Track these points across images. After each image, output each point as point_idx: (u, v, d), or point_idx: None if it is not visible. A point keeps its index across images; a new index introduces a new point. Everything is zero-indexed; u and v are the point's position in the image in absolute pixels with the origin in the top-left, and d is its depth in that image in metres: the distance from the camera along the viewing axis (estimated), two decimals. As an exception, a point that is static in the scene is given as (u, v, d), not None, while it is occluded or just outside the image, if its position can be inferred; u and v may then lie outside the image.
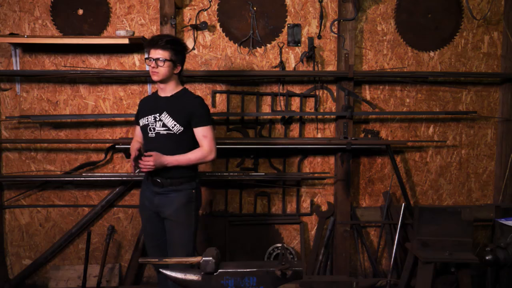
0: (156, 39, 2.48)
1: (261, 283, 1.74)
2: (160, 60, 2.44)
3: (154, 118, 2.52)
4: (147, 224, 2.63)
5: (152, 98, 2.65)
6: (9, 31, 3.24)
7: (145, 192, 2.61)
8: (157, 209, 2.55)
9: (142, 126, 2.57)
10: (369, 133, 3.48)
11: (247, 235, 3.44)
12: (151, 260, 1.86)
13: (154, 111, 2.53)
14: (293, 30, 3.36)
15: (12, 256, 3.42)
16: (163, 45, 2.44)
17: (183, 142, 2.52)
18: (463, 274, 2.67)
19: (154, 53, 2.46)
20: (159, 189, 2.52)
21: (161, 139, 2.50)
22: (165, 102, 2.53)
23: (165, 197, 2.52)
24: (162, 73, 2.47)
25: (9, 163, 3.35)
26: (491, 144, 3.61)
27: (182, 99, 2.54)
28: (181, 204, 2.51)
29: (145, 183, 2.62)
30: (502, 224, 2.75)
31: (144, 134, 2.58)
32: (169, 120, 2.48)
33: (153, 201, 2.54)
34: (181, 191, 2.52)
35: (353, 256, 3.53)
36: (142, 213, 2.66)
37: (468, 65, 3.53)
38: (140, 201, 2.67)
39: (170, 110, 2.50)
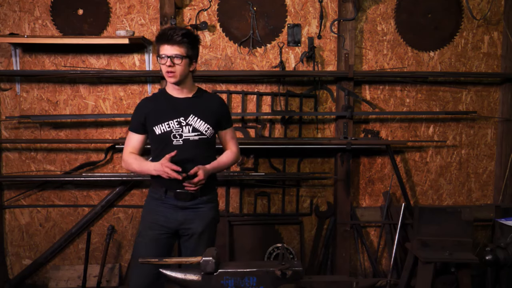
0: (171, 33, 2.13)
1: (261, 283, 1.74)
2: (177, 57, 2.13)
3: (179, 122, 2.19)
4: (151, 247, 2.20)
5: (164, 100, 2.26)
6: (9, 31, 3.24)
7: (159, 207, 2.23)
8: (179, 227, 2.23)
9: (161, 134, 2.19)
10: (369, 133, 3.48)
11: (247, 235, 3.44)
12: (151, 260, 1.84)
13: (176, 115, 2.20)
14: (293, 30, 3.36)
15: (12, 256, 3.42)
16: (180, 40, 2.12)
17: (212, 147, 2.30)
18: (463, 274, 2.66)
19: (169, 49, 2.13)
20: (187, 203, 2.20)
21: (191, 146, 2.18)
22: (188, 103, 2.23)
23: (194, 212, 2.22)
24: (180, 73, 2.15)
25: (9, 163, 3.35)
26: (491, 144, 3.61)
27: (207, 100, 2.28)
28: (211, 218, 2.27)
29: (158, 197, 2.24)
30: (502, 224, 2.75)
31: (164, 143, 2.19)
32: (201, 124, 2.20)
33: (176, 217, 2.21)
34: (210, 203, 2.27)
35: (353, 256, 3.53)
36: (149, 232, 2.23)
37: (468, 65, 3.53)
38: (149, 219, 2.25)
39: (198, 112, 2.21)
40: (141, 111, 2.26)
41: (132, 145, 2.28)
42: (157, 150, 2.23)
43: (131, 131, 2.29)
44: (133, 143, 2.28)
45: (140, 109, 2.28)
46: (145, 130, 2.26)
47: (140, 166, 2.21)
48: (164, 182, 2.19)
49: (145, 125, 2.24)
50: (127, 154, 2.26)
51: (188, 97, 2.25)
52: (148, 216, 2.26)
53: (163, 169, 2.09)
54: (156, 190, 2.26)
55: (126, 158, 2.26)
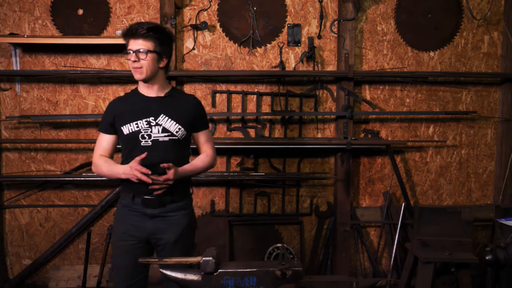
0: (136, 27, 2.04)
1: (261, 283, 1.74)
2: (142, 51, 2.02)
3: (148, 122, 2.08)
4: (125, 258, 2.11)
5: (135, 99, 2.16)
6: (9, 31, 3.24)
7: (128, 216, 2.11)
8: (149, 237, 2.10)
9: (129, 134, 2.09)
10: (369, 133, 3.48)
11: (247, 235, 3.44)
12: (151, 260, 1.83)
13: (146, 115, 2.09)
14: (293, 30, 3.36)
15: (12, 256, 3.42)
16: (144, 33, 2.02)
17: (185, 149, 2.18)
18: (463, 274, 2.67)
19: (133, 43, 2.04)
20: (156, 211, 2.07)
21: (160, 147, 2.07)
22: (160, 103, 2.13)
23: (164, 220, 2.09)
24: (146, 68, 2.05)
25: (9, 163, 3.35)
26: (491, 144, 3.61)
27: (180, 99, 2.19)
28: (185, 226, 2.13)
29: (126, 205, 2.12)
30: (502, 224, 2.75)
31: (132, 144, 2.08)
32: (171, 124, 2.09)
33: (145, 226, 2.08)
34: (182, 210, 2.13)
35: (353, 256, 3.53)
36: (120, 243, 2.12)
37: (468, 65, 3.53)
38: (119, 228, 2.13)
39: (170, 112, 2.11)
40: (110, 110, 2.16)
41: (102, 147, 2.16)
42: (125, 152, 2.12)
43: (100, 131, 2.18)
44: (103, 144, 2.16)
45: (110, 108, 2.18)
46: (115, 130, 2.14)
47: (109, 169, 2.10)
48: (132, 188, 2.07)
49: (114, 125, 2.13)
50: (97, 157, 2.15)
51: (160, 96, 2.14)
52: (119, 226, 2.14)
53: (132, 172, 1.97)
54: (124, 196, 2.14)
55: (95, 161, 2.15)
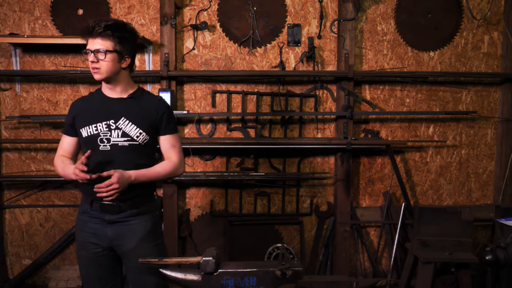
0: (93, 24, 1.90)
1: (261, 283, 1.74)
2: (101, 51, 1.90)
3: (108, 125, 1.97)
4: (91, 267, 2.02)
5: (96, 99, 2.05)
6: (9, 31, 3.24)
7: (87, 224, 2.01)
8: (111, 244, 2.00)
9: (88, 137, 1.98)
10: (369, 133, 3.48)
11: (247, 235, 3.44)
12: (151, 260, 1.83)
13: (106, 117, 1.98)
14: (293, 30, 3.36)
15: (12, 256, 3.42)
16: (102, 31, 1.89)
17: (147, 155, 2.05)
18: (463, 274, 2.67)
19: (91, 43, 1.92)
20: (115, 217, 1.97)
21: (119, 153, 1.96)
22: (121, 104, 2.01)
23: (123, 226, 1.98)
24: (106, 69, 1.93)
25: (9, 163, 3.35)
26: (491, 144, 3.61)
27: (144, 101, 2.05)
28: (146, 232, 2.01)
29: (85, 211, 2.02)
30: (502, 224, 2.75)
31: (90, 147, 1.96)
32: (132, 128, 1.98)
33: (105, 233, 1.99)
34: (144, 215, 2.02)
35: (353, 256, 3.53)
36: (83, 253, 2.03)
37: (468, 65, 3.52)
38: (80, 237, 2.04)
39: (131, 115, 1.99)
40: (71, 111, 2.07)
41: (63, 148, 2.09)
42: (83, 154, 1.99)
43: (62, 133, 2.11)
44: (64, 146, 2.09)
45: (71, 108, 2.08)
46: (76, 132, 2.05)
47: (63, 170, 2.01)
48: (90, 193, 1.94)
49: (75, 127, 2.04)
50: (56, 157, 2.08)
51: (122, 98, 2.02)
52: (79, 234, 2.05)
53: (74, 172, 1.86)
54: (83, 202, 2.04)
55: (54, 161, 2.08)
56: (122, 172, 1.90)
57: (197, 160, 3.40)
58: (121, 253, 2.03)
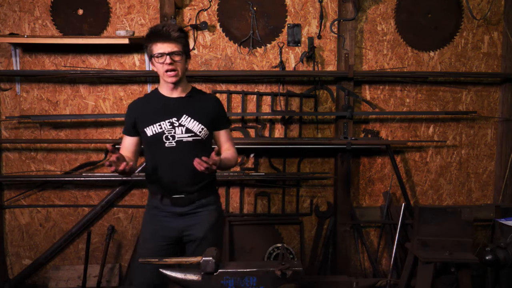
0: (166, 29, 2.02)
1: (261, 283, 1.74)
2: (176, 53, 2.03)
3: (171, 123, 2.09)
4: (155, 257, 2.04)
5: (155, 100, 2.17)
6: (9, 31, 3.24)
7: (157, 217, 2.15)
8: (181, 234, 2.15)
9: (153, 136, 2.09)
10: (369, 133, 3.48)
11: (247, 235, 3.44)
12: (151, 260, 1.82)
13: (168, 115, 2.10)
14: (293, 30, 3.36)
15: (12, 256, 3.42)
16: (178, 35, 2.03)
17: (208, 148, 2.16)
18: (463, 274, 2.66)
19: (165, 46, 2.02)
20: (185, 209, 2.12)
21: (184, 148, 2.08)
22: (181, 103, 2.13)
23: (193, 217, 2.13)
24: (181, 70, 2.07)
25: (9, 163, 3.35)
26: (491, 144, 3.61)
27: (200, 99, 2.18)
28: (213, 221, 2.17)
29: (156, 206, 2.16)
30: (502, 224, 2.75)
31: (156, 145, 2.10)
32: (194, 124, 2.10)
33: (176, 225, 2.13)
34: (210, 205, 2.17)
35: (353, 256, 3.53)
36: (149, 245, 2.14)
37: (468, 65, 3.52)
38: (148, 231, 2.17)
39: (191, 112, 2.11)
40: (131, 112, 2.18)
41: (125, 148, 2.18)
42: (149, 153, 2.15)
43: (124, 133, 2.21)
44: (126, 146, 2.18)
45: (131, 110, 2.19)
46: (137, 132, 2.16)
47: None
48: (160, 189, 2.11)
49: (136, 127, 2.15)
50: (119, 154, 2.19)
51: (181, 97, 2.15)
52: (147, 227, 2.18)
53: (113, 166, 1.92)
54: (152, 198, 2.18)
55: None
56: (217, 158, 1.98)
57: (197, 160, 3.40)
58: (189, 242, 2.17)
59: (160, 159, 2.09)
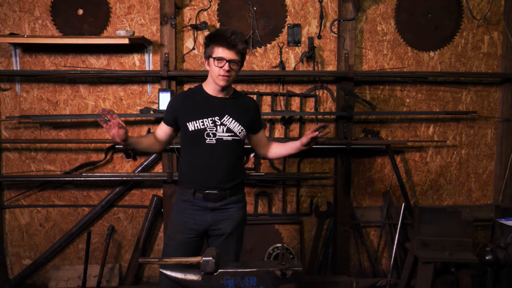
0: (234, 38, 2.10)
1: (261, 283, 1.74)
2: (236, 63, 2.14)
3: (213, 121, 2.19)
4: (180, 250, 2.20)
5: (199, 97, 2.26)
6: (9, 31, 3.24)
7: (187, 210, 2.23)
8: (209, 228, 2.23)
9: (194, 131, 2.18)
10: (369, 133, 3.48)
11: (247, 235, 3.42)
12: (151, 260, 1.82)
13: (211, 114, 2.20)
14: (293, 30, 3.36)
15: (12, 256, 3.42)
16: (242, 48, 2.13)
17: (243, 148, 2.31)
18: (463, 274, 2.66)
19: (228, 54, 2.11)
20: (217, 204, 2.21)
21: (223, 146, 2.19)
22: (224, 104, 2.23)
23: (223, 213, 2.23)
24: (233, 77, 2.18)
25: (9, 163, 3.35)
26: (491, 144, 3.61)
27: (242, 101, 2.30)
28: (241, 218, 2.28)
29: (187, 199, 2.24)
30: (502, 224, 2.75)
31: (196, 140, 2.19)
32: (235, 125, 2.21)
33: (206, 219, 2.21)
34: (239, 203, 2.28)
35: (353, 256, 3.53)
36: (177, 236, 2.24)
37: (468, 65, 3.52)
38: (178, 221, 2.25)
39: (233, 113, 2.22)
40: (175, 105, 2.27)
41: (158, 132, 2.31)
42: (189, 147, 2.23)
43: (163, 121, 2.30)
44: (160, 131, 2.31)
45: (174, 103, 2.30)
46: (176, 125, 2.26)
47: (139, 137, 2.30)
48: (193, 183, 2.21)
49: (177, 120, 2.24)
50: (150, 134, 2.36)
51: (225, 98, 2.25)
52: (177, 219, 2.26)
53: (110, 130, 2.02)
54: (184, 192, 2.26)
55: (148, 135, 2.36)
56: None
57: (197, 160, 3.40)
58: (215, 235, 2.25)
59: (198, 155, 2.19)
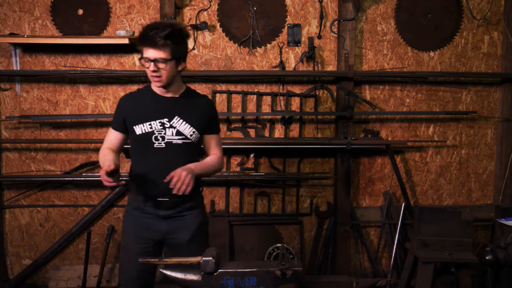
0: (153, 34, 1.92)
1: (261, 283, 1.74)
2: (161, 61, 1.95)
3: (162, 124, 2.04)
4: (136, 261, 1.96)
5: (147, 97, 2.10)
6: (9, 31, 3.24)
7: (140, 219, 2.09)
8: (164, 237, 2.10)
9: (142, 134, 2.04)
10: (369, 133, 3.48)
11: (247, 235, 3.44)
12: (151, 260, 1.82)
13: (160, 115, 2.04)
14: (293, 30, 3.36)
15: (12, 256, 3.42)
16: (163, 43, 1.92)
17: (197, 152, 2.14)
18: (463, 274, 2.66)
19: (150, 52, 1.95)
20: (170, 212, 2.07)
21: (173, 150, 2.04)
22: (173, 104, 2.07)
23: (178, 220, 2.09)
24: (166, 76, 1.99)
25: (9, 163, 3.35)
26: (491, 144, 3.61)
27: (194, 101, 2.13)
28: (199, 224, 2.13)
29: (138, 207, 2.09)
30: (502, 224, 2.75)
31: (144, 145, 2.04)
32: (186, 127, 2.05)
33: (160, 228, 2.08)
34: (195, 209, 2.13)
35: (353, 256, 3.53)
36: (133, 247, 2.09)
37: (468, 65, 3.52)
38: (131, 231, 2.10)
39: (184, 114, 2.06)
40: (121, 108, 2.11)
41: (109, 140, 2.12)
42: (137, 152, 2.09)
43: (111, 128, 2.14)
44: (110, 139, 2.12)
45: (120, 105, 2.12)
46: (125, 129, 2.10)
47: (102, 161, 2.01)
48: (144, 190, 2.06)
49: (125, 124, 2.09)
50: (102, 148, 2.11)
51: (175, 97, 2.09)
52: (130, 228, 2.12)
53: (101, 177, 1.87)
54: (134, 199, 2.11)
55: (100, 151, 2.10)
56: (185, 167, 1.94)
57: (197, 160, 3.40)
58: (172, 246, 2.12)
59: (147, 160, 2.03)
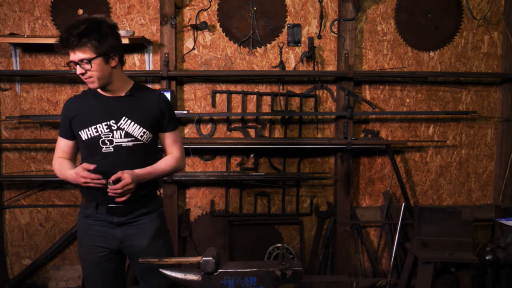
0: (65, 36, 1.76)
1: (261, 283, 1.74)
2: (84, 62, 1.79)
3: (108, 126, 1.89)
4: (97, 271, 1.97)
5: (91, 99, 1.95)
6: (9, 31, 3.24)
7: (93, 227, 1.95)
8: (120, 246, 1.96)
9: (88, 140, 1.90)
10: (369, 133, 3.48)
11: (247, 235, 3.44)
12: (151, 260, 1.81)
13: (106, 117, 1.90)
14: (293, 30, 3.36)
15: (12, 256, 3.42)
16: (77, 43, 1.76)
17: (151, 152, 2.00)
18: (463, 274, 2.66)
19: (73, 55, 1.80)
20: (123, 218, 1.93)
21: (124, 154, 1.90)
22: (120, 103, 1.92)
23: (133, 226, 1.95)
24: (98, 76, 1.84)
25: (9, 163, 3.35)
26: (491, 144, 3.61)
27: (143, 98, 1.96)
28: (156, 230, 1.99)
29: (90, 215, 1.95)
30: (502, 224, 2.75)
31: (92, 150, 1.91)
32: (135, 127, 1.91)
33: (114, 235, 1.94)
34: (152, 213, 1.99)
35: (353, 256, 3.53)
36: (88, 256, 1.96)
37: (468, 65, 3.52)
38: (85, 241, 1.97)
39: (132, 114, 1.92)
40: (65, 113, 1.97)
41: (61, 149, 2.01)
42: (85, 158, 1.93)
43: (59, 136, 2.01)
44: (62, 148, 2.01)
45: (65, 110, 1.98)
46: (73, 134, 1.97)
47: (61, 172, 1.94)
48: (95, 196, 1.91)
49: (72, 129, 1.95)
50: (55, 158, 2.01)
51: (120, 96, 1.94)
52: (84, 238, 1.98)
53: (78, 178, 1.82)
54: (86, 206, 1.96)
55: (53, 163, 2.01)
56: (131, 172, 1.85)
57: (197, 160, 3.40)
58: (131, 254, 1.99)
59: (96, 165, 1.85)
